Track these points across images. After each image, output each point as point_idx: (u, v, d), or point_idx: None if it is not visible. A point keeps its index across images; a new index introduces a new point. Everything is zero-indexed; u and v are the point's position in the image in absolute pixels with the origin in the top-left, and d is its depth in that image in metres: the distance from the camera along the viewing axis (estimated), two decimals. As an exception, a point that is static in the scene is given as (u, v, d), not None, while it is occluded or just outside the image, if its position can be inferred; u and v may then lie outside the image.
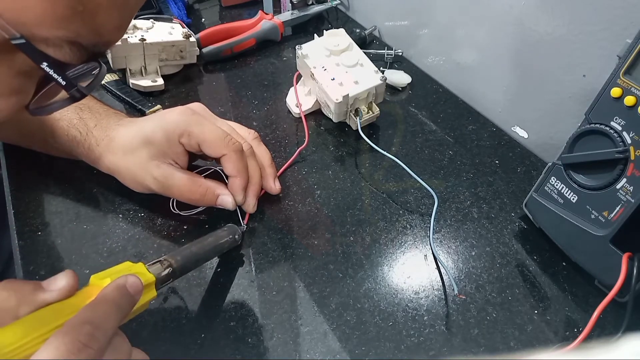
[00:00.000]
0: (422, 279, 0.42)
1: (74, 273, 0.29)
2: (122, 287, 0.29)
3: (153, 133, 0.42)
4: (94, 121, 0.45)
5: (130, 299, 0.29)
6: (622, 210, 0.37)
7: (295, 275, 0.42)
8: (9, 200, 0.46)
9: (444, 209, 0.48)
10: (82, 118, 0.45)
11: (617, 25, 0.42)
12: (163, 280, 0.34)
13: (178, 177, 0.43)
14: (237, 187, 0.43)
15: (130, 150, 0.42)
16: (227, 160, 0.43)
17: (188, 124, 0.42)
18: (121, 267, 0.32)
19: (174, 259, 0.35)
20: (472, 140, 0.56)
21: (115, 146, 0.43)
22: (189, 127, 0.42)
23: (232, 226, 0.42)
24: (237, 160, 0.43)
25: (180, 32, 0.62)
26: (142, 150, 0.42)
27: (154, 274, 0.33)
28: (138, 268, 0.32)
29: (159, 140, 0.42)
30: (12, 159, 0.50)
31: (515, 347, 0.38)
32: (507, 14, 0.52)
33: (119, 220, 0.45)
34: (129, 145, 0.43)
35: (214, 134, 0.42)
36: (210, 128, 0.42)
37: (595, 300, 0.40)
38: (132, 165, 0.43)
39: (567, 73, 0.48)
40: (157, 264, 0.34)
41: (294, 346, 0.37)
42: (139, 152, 0.42)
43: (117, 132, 0.44)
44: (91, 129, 0.44)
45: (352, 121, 0.55)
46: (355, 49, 0.57)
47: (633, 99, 0.36)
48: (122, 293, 0.29)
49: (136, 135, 0.42)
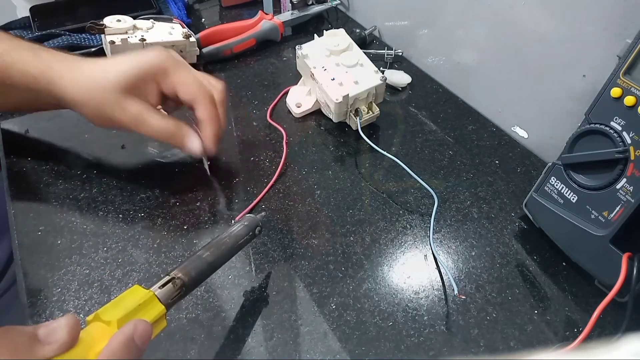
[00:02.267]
0: (422, 279, 0.42)
1: (76, 319, 0.26)
2: (129, 343, 0.26)
3: (129, 69, 0.41)
4: (54, 57, 0.43)
5: (139, 351, 0.27)
6: (622, 210, 0.37)
7: (295, 275, 0.42)
8: (9, 200, 0.46)
9: (444, 209, 0.48)
10: (38, 55, 0.43)
11: (617, 25, 0.42)
12: (175, 302, 0.31)
13: (152, 113, 0.43)
14: (208, 134, 0.44)
15: (102, 83, 0.41)
16: (201, 105, 0.43)
17: (166, 65, 0.42)
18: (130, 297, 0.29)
19: (187, 275, 0.32)
20: (472, 140, 0.56)
21: (82, 77, 0.42)
22: (167, 68, 0.42)
23: (251, 218, 0.39)
24: (209, 106, 0.44)
25: (180, 32, 0.62)
26: (115, 84, 0.41)
27: (165, 302, 0.30)
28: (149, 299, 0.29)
29: (135, 76, 0.41)
30: (12, 159, 0.50)
31: (515, 347, 0.38)
32: (507, 14, 0.52)
33: (119, 220, 0.45)
34: (100, 78, 0.41)
35: (190, 78, 0.43)
36: (187, 72, 0.43)
37: (595, 300, 0.40)
38: (102, 98, 0.41)
39: (567, 73, 0.48)
40: (168, 284, 0.31)
41: (294, 346, 0.37)
42: (112, 86, 0.41)
43: (85, 64, 0.42)
44: (51, 63, 0.42)
45: (352, 121, 0.55)
46: (355, 49, 0.57)
47: (633, 99, 0.36)
48: (130, 349, 0.26)
49: (109, 70, 0.41)
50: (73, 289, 0.39)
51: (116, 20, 0.59)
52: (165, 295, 0.31)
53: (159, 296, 0.30)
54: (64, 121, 0.54)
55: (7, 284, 0.59)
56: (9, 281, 0.59)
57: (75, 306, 0.38)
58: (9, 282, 0.59)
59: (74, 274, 0.40)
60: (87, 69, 0.42)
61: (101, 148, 0.52)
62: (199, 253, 0.34)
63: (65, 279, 0.40)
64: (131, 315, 0.28)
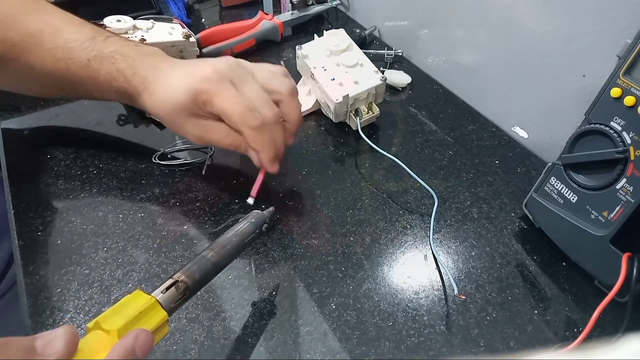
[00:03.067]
0: (422, 279, 0.42)
1: (73, 330, 0.26)
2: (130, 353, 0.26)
3: (182, 96, 0.41)
4: (130, 70, 0.44)
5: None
6: (622, 210, 0.37)
7: (295, 275, 0.42)
8: (9, 200, 0.46)
9: (444, 209, 0.48)
10: (119, 69, 0.44)
11: (617, 25, 0.42)
12: (178, 307, 0.30)
13: (213, 130, 0.43)
14: (263, 160, 0.44)
15: (167, 109, 0.43)
16: (247, 138, 0.43)
17: (209, 93, 0.41)
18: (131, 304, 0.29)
19: (191, 278, 0.31)
20: (472, 140, 0.56)
21: (153, 102, 0.43)
22: (210, 97, 0.41)
23: (259, 214, 0.38)
24: (256, 137, 0.42)
25: (181, 32, 0.62)
26: (176, 112, 0.42)
27: (167, 307, 0.30)
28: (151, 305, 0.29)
29: (189, 104, 0.42)
30: (12, 159, 0.50)
31: (515, 347, 0.38)
32: (507, 14, 0.52)
33: (118, 220, 0.45)
34: (165, 104, 0.43)
35: (234, 108, 0.41)
36: (232, 101, 0.41)
37: (595, 300, 0.40)
38: (172, 121, 0.43)
39: (567, 73, 0.48)
40: (172, 288, 0.30)
41: (294, 346, 0.37)
42: (174, 113, 0.42)
43: (154, 86, 0.43)
44: (129, 79, 0.44)
45: (352, 121, 0.55)
46: (355, 49, 0.57)
47: (633, 99, 0.36)
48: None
49: (169, 96, 0.42)
50: (73, 289, 0.39)
51: (116, 21, 0.59)
52: (168, 300, 0.30)
53: (162, 302, 0.30)
54: (64, 121, 0.54)
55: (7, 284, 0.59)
56: (9, 281, 0.59)
57: (75, 306, 0.38)
58: (9, 283, 0.59)
59: (74, 274, 0.40)
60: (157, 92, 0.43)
61: (101, 148, 0.52)
62: (203, 253, 0.33)
63: (65, 279, 0.40)
64: (132, 323, 0.28)
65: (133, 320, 0.28)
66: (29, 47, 0.44)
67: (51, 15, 0.46)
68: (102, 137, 0.54)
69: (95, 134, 0.54)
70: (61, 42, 0.44)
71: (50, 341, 0.25)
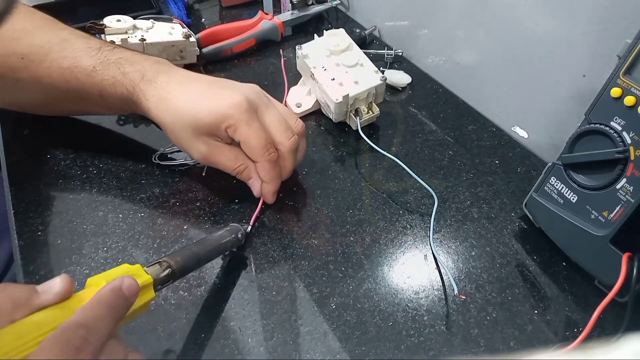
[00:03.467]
0: (422, 279, 0.42)
1: (69, 277, 0.29)
2: (117, 289, 0.29)
3: (203, 115, 0.42)
4: (138, 74, 0.44)
5: (126, 301, 0.29)
6: (622, 210, 0.37)
7: (295, 275, 0.42)
8: (9, 200, 0.46)
9: (444, 209, 0.48)
10: (125, 73, 0.44)
11: (617, 25, 0.42)
12: (162, 281, 0.33)
13: (222, 153, 0.44)
14: (267, 192, 0.45)
15: (180, 121, 0.43)
16: (260, 168, 0.44)
17: (236, 121, 0.42)
18: (118, 269, 0.32)
19: (173, 259, 0.34)
20: (472, 140, 0.56)
21: (164, 110, 0.43)
22: (236, 124, 0.42)
23: (234, 225, 0.42)
24: (269, 170, 0.44)
25: (181, 32, 0.62)
26: (190, 127, 0.42)
27: (152, 275, 0.32)
28: (135, 270, 0.32)
29: (208, 124, 0.42)
30: (12, 159, 0.50)
31: (515, 347, 0.38)
32: (507, 14, 0.52)
33: (119, 220, 0.45)
34: (181, 117, 0.43)
35: (256, 140, 0.42)
36: (255, 133, 0.42)
37: (595, 300, 0.40)
38: (179, 133, 0.43)
39: (567, 73, 0.48)
40: (155, 265, 0.33)
41: (294, 346, 0.37)
42: (187, 128, 0.43)
43: (168, 93, 0.43)
44: (137, 83, 0.44)
45: (352, 121, 0.55)
46: (355, 49, 0.57)
47: (633, 99, 0.36)
48: (118, 295, 0.28)
49: (187, 111, 0.42)
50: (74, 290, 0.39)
51: (116, 20, 0.59)
52: (153, 272, 0.33)
53: (146, 270, 0.32)
54: (64, 121, 0.54)
55: (7, 284, 0.59)
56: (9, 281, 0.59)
57: (76, 306, 0.38)
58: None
59: (74, 274, 0.40)
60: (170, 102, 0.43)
61: (101, 148, 0.52)
62: (185, 246, 0.37)
63: (65, 279, 0.40)
64: None
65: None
66: (36, 58, 0.45)
67: (61, 30, 0.47)
68: (102, 137, 0.54)
69: (95, 133, 0.54)
70: (69, 52, 0.45)
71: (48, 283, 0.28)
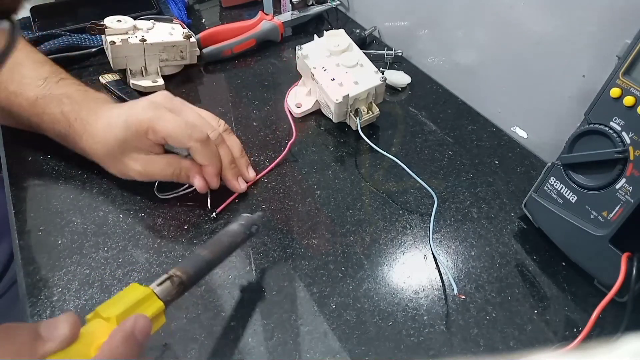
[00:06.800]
0: (422, 279, 0.42)
1: (75, 316, 0.27)
2: (130, 338, 0.27)
3: (121, 131, 0.43)
4: (74, 114, 0.46)
5: (140, 347, 0.27)
6: (621, 210, 0.37)
7: (295, 275, 0.42)
8: (9, 200, 0.46)
9: (443, 209, 0.48)
10: (64, 112, 0.46)
11: (617, 25, 0.42)
12: (173, 299, 0.31)
13: (154, 163, 0.45)
14: (209, 174, 0.45)
15: (108, 147, 0.44)
16: (194, 151, 0.44)
17: (150, 121, 0.43)
18: (129, 294, 0.29)
19: (185, 273, 0.32)
20: (471, 141, 0.56)
21: (94, 143, 0.45)
22: (152, 124, 0.43)
23: (248, 217, 0.39)
24: (203, 150, 0.44)
25: (181, 32, 0.62)
26: (117, 148, 0.44)
27: (164, 299, 0.30)
28: (146, 296, 0.30)
29: (129, 138, 0.43)
30: (12, 159, 0.50)
31: (515, 347, 0.38)
32: (507, 14, 0.52)
33: (119, 220, 0.45)
34: (106, 143, 0.44)
35: (177, 128, 0.43)
36: (173, 122, 0.43)
37: (594, 300, 0.40)
38: (113, 160, 0.45)
39: (567, 73, 0.48)
40: (166, 282, 0.31)
41: (294, 346, 0.37)
42: (115, 150, 0.44)
43: (95, 127, 0.45)
44: (72, 123, 0.45)
45: (352, 121, 0.55)
46: (355, 50, 0.57)
47: (632, 99, 0.36)
48: (131, 345, 0.27)
49: (109, 134, 0.44)
50: (74, 289, 0.39)
51: (116, 21, 0.59)
52: (164, 292, 0.31)
53: (157, 293, 0.31)
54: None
55: (7, 284, 0.59)
56: (9, 281, 0.59)
57: (76, 306, 0.38)
58: (9, 283, 0.59)
59: (74, 274, 0.41)
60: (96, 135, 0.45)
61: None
62: (197, 252, 0.35)
63: (65, 279, 0.40)
64: (130, 311, 0.29)
65: (131, 309, 0.29)
66: None
67: (19, 50, 0.48)
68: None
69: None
70: (17, 77, 0.47)
71: (54, 326, 0.26)
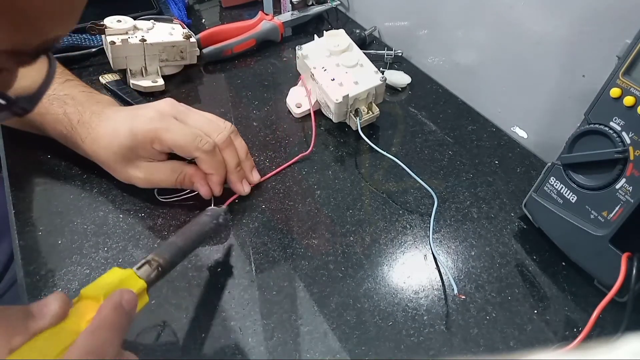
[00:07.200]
0: (422, 279, 0.42)
1: (64, 295, 0.28)
2: (118, 307, 0.28)
3: (127, 139, 0.43)
4: (76, 116, 0.45)
5: (128, 316, 0.28)
6: (621, 210, 0.37)
7: (295, 275, 0.42)
8: (9, 200, 0.46)
9: (443, 209, 0.48)
10: (66, 113, 0.45)
11: (617, 25, 0.42)
12: (153, 281, 0.33)
13: (158, 171, 0.45)
14: (214, 182, 0.45)
15: (111, 154, 0.44)
16: (200, 162, 0.44)
17: (157, 131, 0.43)
18: (110, 276, 0.31)
19: (162, 257, 0.34)
20: (471, 141, 0.56)
21: (98, 148, 0.45)
22: (158, 134, 0.43)
23: (214, 209, 0.41)
24: (209, 160, 0.44)
25: (181, 32, 0.62)
26: (120, 156, 0.44)
27: (144, 279, 0.32)
28: (128, 276, 0.31)
29: (134, 147, 0.43)
30: (12, 159, 0.50)
31: (515, 347, 0.38)
32: (507, 14, 0.52)
33: (119, 220, 0.45)
34: (110, 149, 0.44)
35: (183, 138, 0.43)
36: (180, 132, 0.43)
37: (594, 300, 0.40)
38: (116, 166, 0.45)
39: (567, 73, 0.48)
40: (145, 266, 0.33)
41: (294, 346, 0.37)
42: (118, 157, 0.44)
43: (97, 131, 0.45)
44: (75, 125, 0.45)
45: (352, 121, 0.55)
46: (355, 50, 0.57)
47: (632, 99, 0.36)
48: (120, 313, 0.28)
49: (114, 141, 0.44)
50: (74, 289, 0.39)
51: (116, 21, 0.59)
52: (144, 274, 0.32)
53: (138, 273, 0.32)
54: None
55: (7, 284, 0.59)
56: (9, 281, 0.59)
57: (76, 306, 0.38)
58: (9, 283, 0.59)
59: (74, 274, 0.41)
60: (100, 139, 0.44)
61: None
62: (170, 240, 0.36)
63: (65, 279, 0.40)
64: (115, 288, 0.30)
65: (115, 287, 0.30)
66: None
67: None
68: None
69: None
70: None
71: (44, 304, 0.27)
